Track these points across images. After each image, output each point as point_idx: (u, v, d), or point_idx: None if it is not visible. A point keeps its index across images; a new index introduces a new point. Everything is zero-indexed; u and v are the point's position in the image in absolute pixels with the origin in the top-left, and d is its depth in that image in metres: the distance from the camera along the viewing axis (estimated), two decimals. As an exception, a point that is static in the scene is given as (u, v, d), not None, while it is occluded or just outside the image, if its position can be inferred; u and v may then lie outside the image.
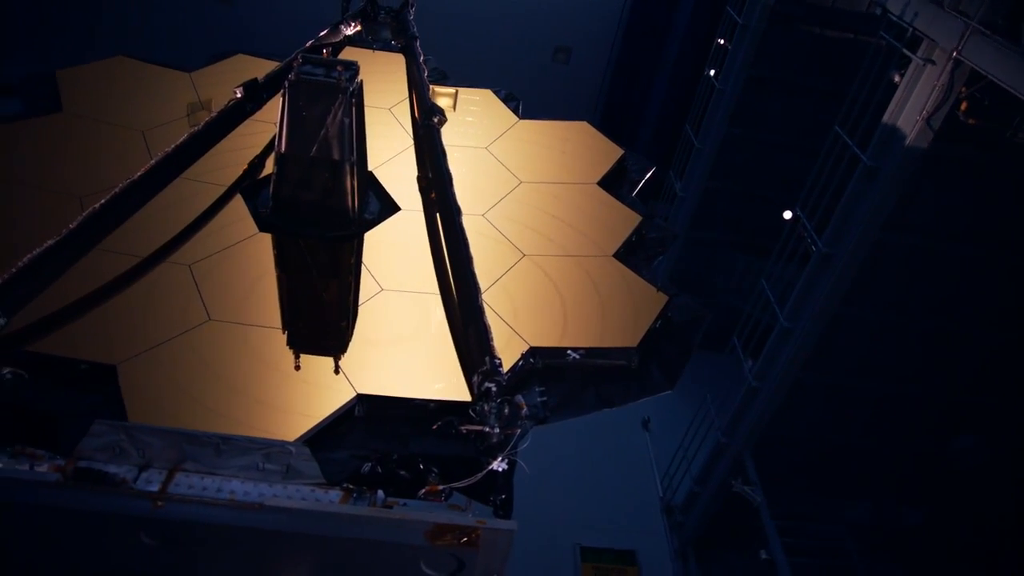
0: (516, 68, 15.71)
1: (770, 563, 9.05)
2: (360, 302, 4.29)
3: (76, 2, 15.77)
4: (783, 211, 9.44)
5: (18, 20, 15.82)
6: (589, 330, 4.27)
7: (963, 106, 6.63)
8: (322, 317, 4.49)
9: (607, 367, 4.15)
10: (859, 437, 10.16)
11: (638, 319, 4.37)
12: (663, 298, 4.57)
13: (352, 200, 4.72)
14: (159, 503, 2.70)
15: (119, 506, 2.72)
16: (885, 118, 7.24)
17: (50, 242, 3.71)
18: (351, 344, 4.00)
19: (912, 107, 6.89)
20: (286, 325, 4.13)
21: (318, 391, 3.65)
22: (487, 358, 3.53)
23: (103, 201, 4.00)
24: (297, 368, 3.84)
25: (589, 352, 4.14)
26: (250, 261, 4.51)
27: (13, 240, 3.99)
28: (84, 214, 3.90)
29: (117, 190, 4.10)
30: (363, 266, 4.57)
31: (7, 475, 2.75)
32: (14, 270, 3.53)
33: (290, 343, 4.01)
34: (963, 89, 6.55)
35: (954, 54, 6.31)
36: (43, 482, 2.76)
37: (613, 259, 4.92)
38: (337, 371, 3.82)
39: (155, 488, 2.91)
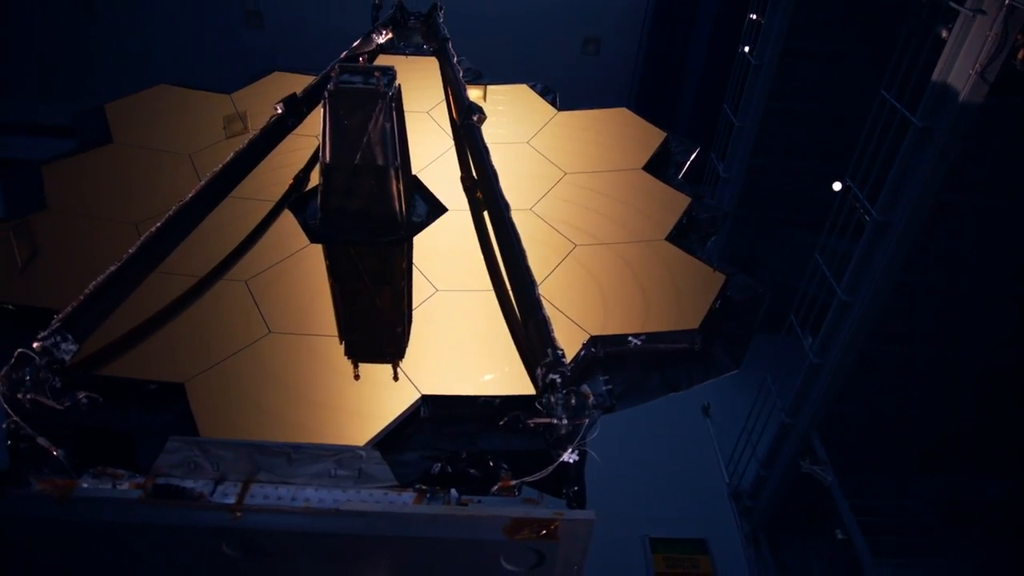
0: (547, 63, 15.65)
1: (847, 543, 8.83)
2: (416, 304, 4.30)
3: (113, 39, 16.26)
4: (832, 183, 9.20)
5: (62, 61, 16.36)
6: (648, 315, 4.21)
7: (1020, 54, 6.35)
8: (378, 323, 4.49)
9: (670, 351, 4.08)
10: (931, 408, 9.83)
11: (697, 300, 4.29)
12: (721, 278, 4.48)
13: (399, 204, 4.74)
14: (238, 514, 2.73)
15: (200, 519, 2.76)
16: (935, 76, 6.99)
17: (112, 268, 3.80)
18: (411, 346, 4.00)
19: (963, 62, 6.63)
20: (343, 334, 4.15)
21: (382, 395, 3.66)
22: (549, 350, 3.49)
23: (158, 225, 4.08)
24: (357, 378, 3.85)
25: (650, 337, 4.08)
26: (304, 273, 4.55)
27: (77, 270, 4.09)
28: (141, 239, 3.99)
29: (170, 213, 4.18)
30: (416, 269, 4.57)
31: (93, 494, 2.81)
32: (82, 298, 3.63)
33: (348, 353, 4.03)
34: (1019, 36, 6.28)
35: (1007, 1, 6.07)
36: (126, 500, 2.81)
37: (666, 242, 4.84)
38: (397, 377, 3.82)
39: (231, 500, 2.95)
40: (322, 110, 4.52)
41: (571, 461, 3.31)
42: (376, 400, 3.64)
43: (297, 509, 2.76)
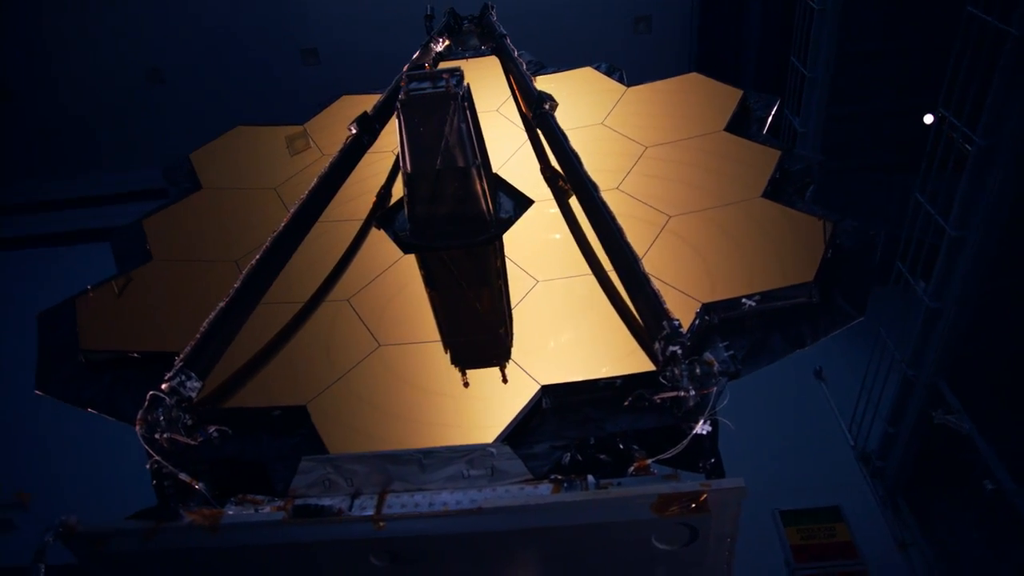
0: (601, 48, 15.44)
1: (997, 492, 8.29)
2: (520, 298, 4.25)
3: (183, 100, 16.98)
4: (922, 117, 8.70)
5: (140, 129, 17.21)
6: (757, 274, 4.03)
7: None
8: (480, 327, 4.45)
9: (788, 308, 3.90)
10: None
11: (808, 252, 4.08)
12: (828, 226, 4.26)
13: (485, 203, 4.71)
14: (381, 524, 2.73)
15: (346, 532, 2.77)
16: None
17: (221, 305, 3.91)
18: (523, 339, 3.95)
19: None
20: (447, 343, 4.13)
21: (501, 392, 3.62)
22: (664, 322, 3.39)
23: (257, 258, 4.18)
24: (466, 385, 3.81)
25: (765, 296, 3.90)
26: (403, 284, 4.57)
27: (189, 312, 4.22)
28: (243, 273, 4.09)
29: (267, 245, 4.27)
30: (514, 263, 4.53)
31: (241, 520, 2.87)
32: (198, 336, 3.74)
33: (454, 361, 4.00)
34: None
35: None
36: (273, 521, 2.85)
37: (763, 200, 4.64)
38: (507, 380, 3.75)
39: (370, 513, 2.95)
40: (396, 121, 4.54)
41: (704, 433, 3.19)
42: (496, 398, 3.60)
43: (439, 512, 2.73)
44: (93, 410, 4.16)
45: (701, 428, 3.18)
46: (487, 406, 3.59)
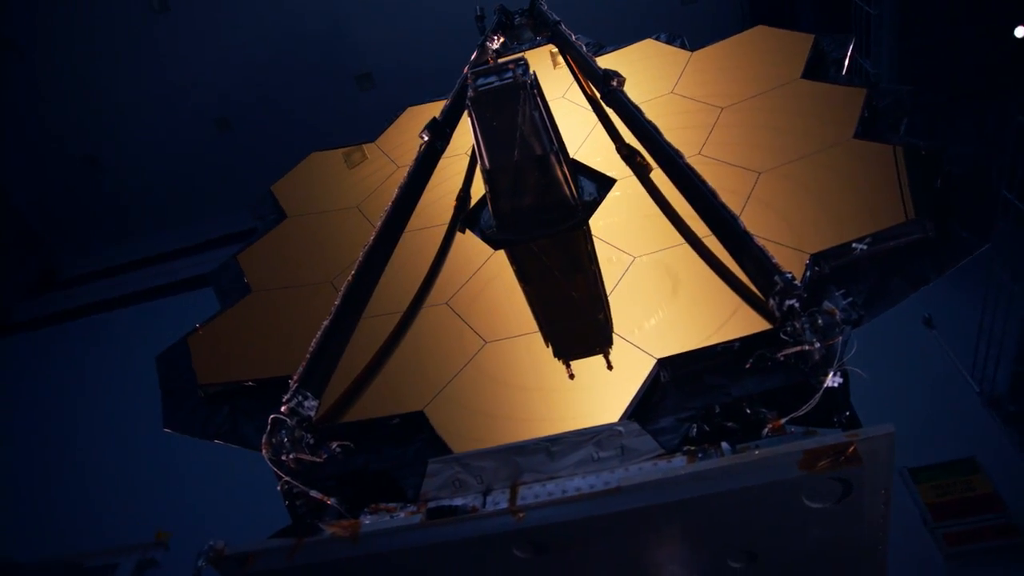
0: (648, 22, 15.19)
1: None
2: (619, 277, 4.16)
3: (251, 146, 17.56)
4: (1012, 31, 8.17)
5: (215, 178, 17.90)
6: (864, 216, 3.83)
7: None
8: (578, 315, 4.37)
9: (903, 246, 3.69)
10: None
11: (915, 186, 3.86)
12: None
13: (568, 188, 4.64)
14: (520, 514, 2.69)
15: (486, 527, 2.74)
16: None
17: (325, 323, 3.97)
18: (630, 315, 3.87)
19: None
20: (547, 336, 4.08)
21: (617, 372, 3.55)
22: (776, 277, 3.26)
23: (352, 273, 4.23)
24: (571, 377, 3.75)
25: (876, 238, 3.70)
26: (498, 280, 4.55)
27: (295, 335, 4.32)
28: (342, 290, 4.15)
29: (360, 260, 4.32)
30: (607, 244, 4.45)
31: (380, 527, 2.89)
32: (308, 356, 3.80)
33: (557, 354, 3.94)
34: None
35: None
36: (410, 526, 2.86)
37: (856, 140, 4.42)
38: (611, 366, 3.67)
39: (504, 507, 2.92)
40: (467, 121, 4.53)
41: (835, 385, 3.05)
42: (610, 380, 3.53)
43: (579, 496, 2.68)
44: (219, 441, 4.30)
45: (832, 381, 3.03)
46: (603, 390, 3.52)
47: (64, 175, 18.47)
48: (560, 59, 6.95)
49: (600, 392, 3.51)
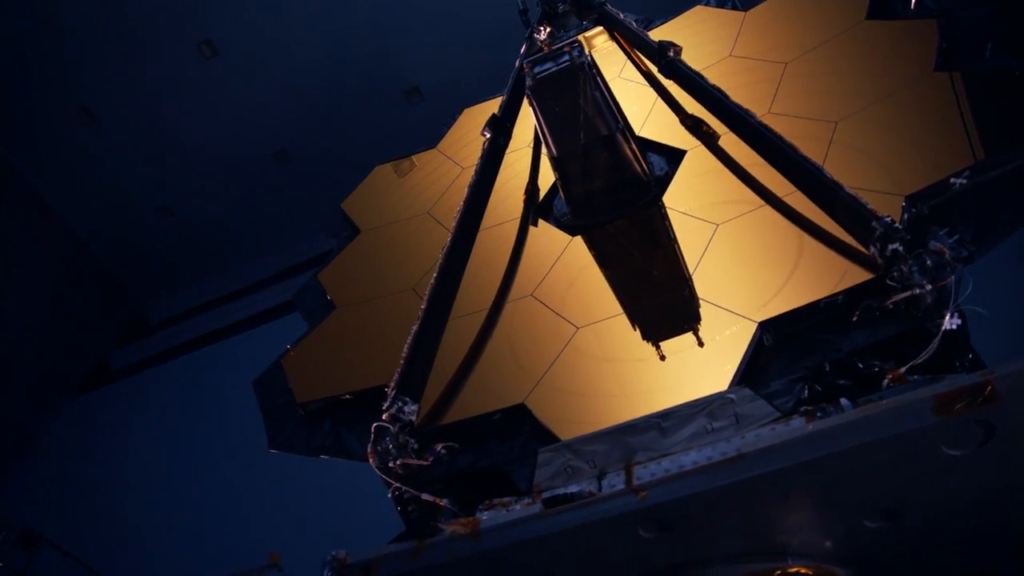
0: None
1: None
2: (704, 246, 4.06)
3: (308, 178, 17.93)
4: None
5: (285, 212, 18.36)
6: (958, 148, 3.63)
7: None
8: (663, 294, 4.26)
9: (1008, 174, 3.46)
10: None
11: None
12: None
13: (639, 165, 4.57)
14: (643, 493, 2.63)
15: (607, 511, 2.69)
16: None
17: (415, 328, 3.98)
18: (722, 283, 3.76)
19: None
20: (633, 320, 4.00)
21: (716, 338, 3.45)
22: (873, 223, 3.12)
23: (435, 275, 4.24)
24: (663, 359, 3.66)
25: (974, 170, 3.49)
26: (577, 267, 4.50)
27: (386, 345, 4.36)
28: (427, 293, 4.16)
29: (440, 262, 4.33)
30: (687, 215, 4.34)
31: (499, 521, 2.87)
32: (402, 362, 3.82)
33: (645, 337, 3.86)
34: None
35: None
36: (529, 516, 2.83)
37: (937, 74, 4.20)
38: (703, 343, 3.58)
39: (621, 488, 2.86)
40: (530, 108, 4.49)
41: (954, 327, 2.89)
42: (713, 347, 3.44)
43: (701, 468, 2.60)
44: (325, 456, 4.36)
45: (950, 323, 2.88)
46: (705, 360, 3.44)
47: (141, 227, 19.22)
48: (595, 43, 6.84)
49: (702, 363, 3.42)
